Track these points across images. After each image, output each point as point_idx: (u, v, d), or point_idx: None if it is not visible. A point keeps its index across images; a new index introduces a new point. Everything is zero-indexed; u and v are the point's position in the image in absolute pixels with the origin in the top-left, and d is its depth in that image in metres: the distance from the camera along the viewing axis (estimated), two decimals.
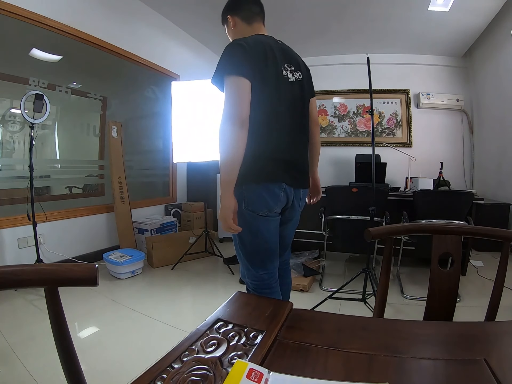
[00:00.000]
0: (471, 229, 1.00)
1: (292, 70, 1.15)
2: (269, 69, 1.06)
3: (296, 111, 1.16)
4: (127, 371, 1.29)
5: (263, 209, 1.09)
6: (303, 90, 1.19)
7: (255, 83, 1.03)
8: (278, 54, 1.10)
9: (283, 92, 1.10)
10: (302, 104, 1.19)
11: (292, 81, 1.14)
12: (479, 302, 1.96)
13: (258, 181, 1.08)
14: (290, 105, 1.13)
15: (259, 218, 1.10)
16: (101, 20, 2.87)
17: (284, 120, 1.12)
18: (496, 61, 3.66)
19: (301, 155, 1.21)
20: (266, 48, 1.07)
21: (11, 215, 2.25)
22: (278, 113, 1.10)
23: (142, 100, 3.69)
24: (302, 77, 1.18)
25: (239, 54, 1.02)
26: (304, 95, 1.20)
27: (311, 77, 1.30)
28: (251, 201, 1.08)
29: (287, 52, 1.17)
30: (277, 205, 1.12)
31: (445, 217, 2.16)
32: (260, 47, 1.06)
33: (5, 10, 2.11)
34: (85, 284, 0.52)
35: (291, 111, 1.14)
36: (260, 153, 1.07)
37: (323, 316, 0.64)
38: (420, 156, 3.80)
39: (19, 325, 1.71)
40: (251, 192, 1.08)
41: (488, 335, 0.54)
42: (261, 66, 1.04)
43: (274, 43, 1.13)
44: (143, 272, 2.60)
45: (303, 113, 1.20)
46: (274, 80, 1.07)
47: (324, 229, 2.37)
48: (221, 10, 1.27)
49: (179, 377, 0.40)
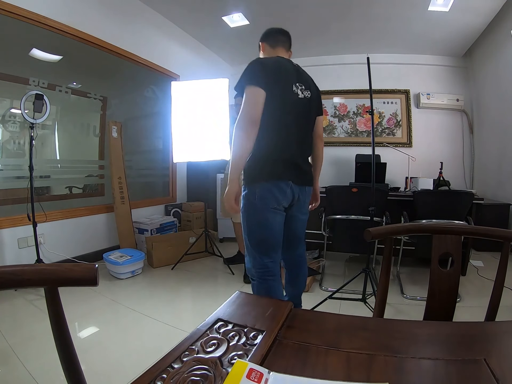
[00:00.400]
0: (471, 229, 1.00)
1: (302, 89, 1.35)
2: (280, 84, 1.27)
3: (301, 123, 1.36)
4: (127, 371, 1.29)
5: (273, 203, 1.29)
6: (310, 107, 1.39)
7: (268, 94, 1.23)
8: (291, 74, 1.33)
9: (292, 105, 1.31)
10: (308, 118, 1.40)
11: (301, 97, 1.34)
12: (479, 302, 1.96)
13: (268, 179, 1.28)
14: (297, 117, 1.32)
15: (268, 211, 1.29)
16: (101, 20, 2.87)
17: (291, 129, 1.31)
18: (496, 61, 3.66)
19: (304, 159, 1.40)
20: (281, 67, 1.30)
21: (11, 215, 2.25)
22: (286, 122, 1.30)
23: (142, 100, 3.69)
24: (310, 95, 1.38)
25: (257, 69, 1.24)
26: (311, 111, 1.41)
27: (321, 98, 1.50)
28: (263, 197, 1.28)
29: (300, 73, 1.39)
30: (285, 200, 1.31)
31: (445, 217, 2.16)
32: (276, 66, 1.28)
33: (5, 10, 2.11)
34: (85, 284, 0.52)
35: (297, 122, 1.33)
36: (270, 156, 1.28)
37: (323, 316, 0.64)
38: (420, 156, 3.80)
39: (19, 325, 1.71)
40: (263, 189, 1.28)
41: (488, 335, 0.54)
42: (274, 81, 1.25)
43: (289, 65, 1.36)
44: (143, 272, 2.60)
45: (308, 125, 1.41)
46: (284, 94, 1.28)
47: (324, 229, 2.37)
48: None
49: (179, 377, 0.40)
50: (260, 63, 1.27)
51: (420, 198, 2.33)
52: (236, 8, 3.38)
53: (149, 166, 3.87)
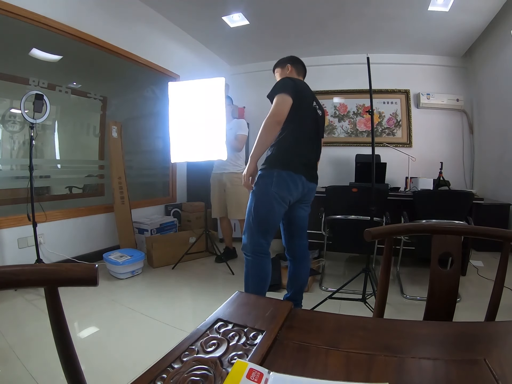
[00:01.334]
0: (471, 229, 1.00)
1: (317, 108, 1.68)
2: (305, 99, 1.60)
3: (315, 133, 1.67)
4: (127, 371, 1.29)
5: (284, 190, 1.52)
6: (322, 123, 1.76)
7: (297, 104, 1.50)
8: (311, 95, 1.67)
9: (311, 118, 1.63)
10: (319, 130, 1.71)
11: (319, 114, 1.69)
12: (479, 302, 1.95)
13: (286, 168, 1.52)
14: (313, 128, 1.65)
15: (276, 197, 1.51)
16: (101, 20, 2.87)
17: (308, 135, 1.62)
18: (496, 61, 3.66)
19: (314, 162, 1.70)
20: (307, 88, 1.65)
21: (11, 215, 2.25)
22: (306, 129, 1.60)
23: (142, 100, 3.69)
24: (321, 114, 1.72)
25: (290, 84, 1.53)
26: (322, 126, 1.77)
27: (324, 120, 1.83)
28: (278, 182, 1.51)
29: (315, 96, 1.71)
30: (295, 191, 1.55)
31: (445, 217, 2.16)
32: (304, 85, 1.64)
33: (5, 10, 2.11)
34: (85, 284, 0.52)
35: (313, 131, 1.65)
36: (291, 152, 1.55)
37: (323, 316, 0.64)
38: (420, 156, 3.80)
39: (19, 325, 1.71)
40: (280, 175, 1.51)
41: (488, 335, 0.54)
42: (302, 96, 1.57)
43: (308, 88, 1.68)
44: (143, 272, 2.60)
45: (318, 136, 1.71)
46: (308, 107, 1.61)
47: (324, 229, 2.37)
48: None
49: (179, 377, 0.40)
50: (292, 79, 1.57)
51: (420, 198, 2.33)
52: (236, 8, 3.38)
53: (149, 166, 3.87)
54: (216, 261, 2.90)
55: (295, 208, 1.64)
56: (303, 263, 1.75)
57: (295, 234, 1.71)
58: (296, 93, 1.50)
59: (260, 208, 1.54)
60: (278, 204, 1.52)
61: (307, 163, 1.59)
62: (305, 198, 1.64)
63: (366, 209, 1.94)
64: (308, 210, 1.72)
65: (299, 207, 1.66)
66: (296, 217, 1.67)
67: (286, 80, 1.55)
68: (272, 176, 1.51)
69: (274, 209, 1.52)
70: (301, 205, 1.66)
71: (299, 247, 1.73)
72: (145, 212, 3.47)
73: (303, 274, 1.76)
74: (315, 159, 1.69)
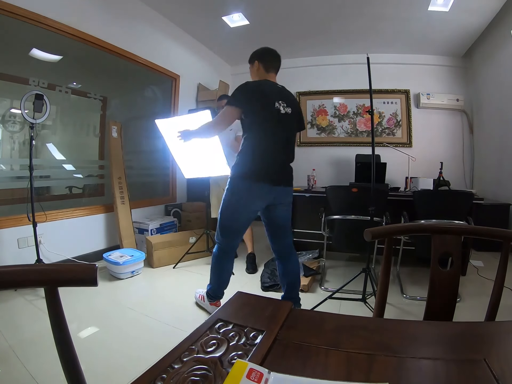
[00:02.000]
0: (471, 229, 1.00)
1: (284, 106, 1.62)
2: (263, 104, 1.57)
3: (281, 133, 1.63)
4: (127, 371, 1.29)
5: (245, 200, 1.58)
6: (290, 121, 1.67)
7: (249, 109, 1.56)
8: (274, 93, 1.63)
9: (271, 120, 1.59)
10: (289, 129, 1.67)
11: (283, 113, 1.62)
12: (479, 302, 1.96)
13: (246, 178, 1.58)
14: (279, 128, 1.61)
15: (241, 205, 1.59)
16: (101, 20, 2.87)
17: (271, 139, 1.59)
18: (496, 61, 3.66)
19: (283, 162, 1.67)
20: (266, 89, 1.61)
21: (11, 215, 2.25)
22: (267, 134, 1.59)
23: (142, 100, 3.69)
24: (291, 112, 1.65)
25: (241, 95, 1.57)
26: (291, 124, 1.69)
27: (302, 114, 1.81)
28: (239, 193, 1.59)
29: (283, 93, 1.67)
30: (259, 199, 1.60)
31: (445, 217, 2.16)
32: (262, 88, 1.61)
33: (5, 10, 2.11)
34: (85, 284, 0.52)
35: (277, 132, 1.61)
36: (250, 161, 1.58)
37: (323, 316, 0.64)
38: (420, 156, 3.80)
39: (19, 325, 1.71)
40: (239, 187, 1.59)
41: (488, 335, 0.54)
42: (256, 100, 1.56)
43: (274, 87, 1.66)
44: (143, 272, 2.60)
45: (287, 136, 1.67)
46: (265, 109, 1.58)
47: (324, 229, 2.37)
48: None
49: (179, 377, 0.40)
50: (248, 87, 1.59)
51: (420, 198, 2.33)
52: (236, 8, 3.38)
53: (149, 166, 3.87)
54: None
55: (273, 209, 1.67)
56: (290, 259, 1.79)
57: (277, 234, 1.75)
58: (251, 101, 1.54)
59: (224, 213, 1.65)
60: (241, 212, 1.61)
61: (269, 169, 1.58)
62: (278, 201, 1.65)
63: (366, 209, 1.94)
64: (288, 210, 1.74)
65: (277, 208, 1.67)
66: (275, 218, 1.70)
67: (240, 88, 1.58)
68: (234, 187, 1.60)
69: (236, 217, 1.62)
70: (279, 206, 1.67)
71: (283, 246, 1.77)
72: (145, 212, 3.47)
73: (291, 271, 1.79)
74: (281, 162, 1.66)
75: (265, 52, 1.72)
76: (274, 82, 1.69)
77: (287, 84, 1.75)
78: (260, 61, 1.71)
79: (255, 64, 1.72)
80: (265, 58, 1.71)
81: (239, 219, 1.64)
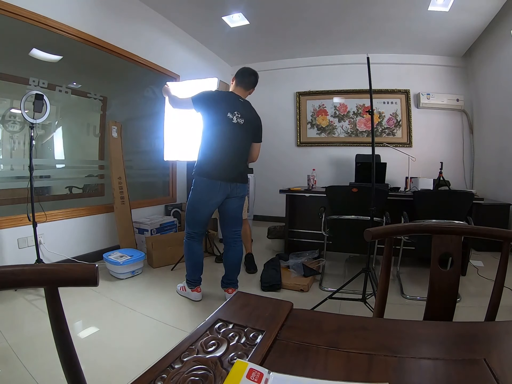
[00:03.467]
0: (471, 229, 1.00)
1: (237, 116, 1.86)
2: (218, 110, 1.84)
3: (231, 141, 1.87)
4: (127, 371, 1.29)
5: (203, 194, 1.88)
6: (243, 131, 1.90)
7: (205, 114, 1.87)
8: (231, 104, 1.87)
9: (225, 127, 1.85)
10: (239, 138, 1.90)
11: (234, 123, 1.86)
12: (479, 302, 1.96)
13: (204, 176, 1.86)
14: (229, 136, 1.86)
15: (200, 200, 1.90)
16: (101, 20, 2.87)
17: (222, 143, 1.85)
18: (496, 61, 3.66)
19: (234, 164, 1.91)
20: (223, 99, 1.88)
21: (11, 215, 2.25)
22: (219, 138, 1.86)
23: (142, 100, 3.68)
24: (243, 122, 1.89)
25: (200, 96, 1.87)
26: (243, 134, 1.92)
27: (259, 127, 2.02)
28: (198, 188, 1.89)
29: (241, 106, 1.91)
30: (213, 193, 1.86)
31: (445, 217, 2.16)
32: (217, 97, 1.88)
33: (5, 10, 2.11)
34: (85, 284, 0.52)
35: (228, 139, 1.86)
36: (206, 159, 1.87)
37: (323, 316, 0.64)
38: (420, 156, 3.79)
39: (19, 325, 1.71)
40: (200, 182, 1.88)
41: (488, 335, 0.54)
42: (210, 105, 1.85)
43: (234, 100, 1.91)
44: (143, 272, 2.60)
45: (238, 144, 1.91)
46: (217, 117, 1.84)
47: (324, 229, 2.37)
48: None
49: (179, 377, 0.40)
50: (205, 93, 1.89)
51: (420, 198, 2.33)
52: (236, 8, 3.38)
53: (149, 166, 3.87)
54: (216, 261, 2.90)
55: (226, 202, 1.94)
56: (232, 246, 2.06)
57: (228, 223, 2.04)
58: (207, 106, 1.84)
59: (189, 207, 1.97)
60: (201, 206, 1.91)
61: (222, 168, 1.85)
62: (232, 195, 1.92)
63: (366, 209, 1.94)
64: (239, 202, 2.01)
65: (230, 201, 1.95)
66: (227, 210, 1.99)
67: (204, 93, 1.88)
68: (195, 184, 1.90)
69: (197, 209, 1.94)
70: (232, 199, 1.95)
71: (230, 233, 2.05)
72: (145, 212, 3.47)
73: (231, 256, 2.06)
74: (231, 161, 1.88)
75: (240, 70, 2.01)
76: (238, 96, 1.94)
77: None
78: (235, 76, 2.00)
79: (232, 79, 2.03)
80: (239, 74, 1.99)
81: (200, 211, 1.94)
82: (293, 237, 3.05)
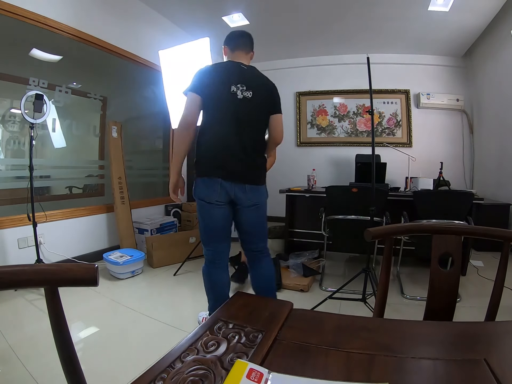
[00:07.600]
0: (471, 229, 1.00)
1: (243, 89, 1.41)
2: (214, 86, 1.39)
3: (239, 121, 1.41)
4: (127, 371, 1.29)
5: (203, 197, 1.42)
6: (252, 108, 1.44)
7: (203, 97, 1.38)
8: (234, 75, 1.43)
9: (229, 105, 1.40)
10: (248, 115, 1.43)
11: (240, 98, 1.41)
12: (479, 302, 1.96)
13: (200, 175, 1.43)
14: (235, 116, 1.40)
15: (204, 205, 1.43)
16: (101, 20, 2.87)
17: (227, 127, 1.40)
18: (496, 61, 3.66)
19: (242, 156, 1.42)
20: (222, 71, 1.44)
21: (11, 215, 2.25)
22: (221, 121, 1.40)
23: (142, 100, 3.68)
24: (252, 95, 1.43)
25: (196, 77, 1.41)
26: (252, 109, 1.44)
27: (273, 97, 1.53)
28: (197, 191, 1.45)
29: (245, 75, 1.45)
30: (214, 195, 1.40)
31: (445, 217, 2.16)
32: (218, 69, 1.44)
33: (5, 10, 2.11)
34: (85, 284, 0.52)
35: (233, 119, 1.40)
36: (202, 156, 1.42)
37: (323, 316, 0.64)
38: (420, 156, 3.79)
39: (19, 325, 1.71)
40: (197, 183, 1.44)
41: (488, 335, 0.54)
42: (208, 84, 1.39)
43: (236, 68, 1.45)
44: (143, 272, 2.60)
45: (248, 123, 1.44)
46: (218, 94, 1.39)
47: (324, 229, 2.37)
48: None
49: (179, 377, 0.40)
50: (198, 71, 1.43)
51: (420, 198, 2.33)
52: (236, 8, 3.38)
53: (149, 166, 3.87)
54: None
55: (238, 213, 1.48)
56: (259, 265, 1.59)
57: (245, 240, 1.57)
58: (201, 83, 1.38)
59: (199, 221, 1.49)
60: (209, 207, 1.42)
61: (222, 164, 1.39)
62: (240, 201, 1.44)
63: (366, 209, 1.94)
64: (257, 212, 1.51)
65: (241, 212, 1.47)
66: (239, 223, 1.51)
67: (196, 74, 1.42)
68: (195, 184, 1.46)
69: (207, 215, 1.44)
70: (244, 210, 1.47)
71: (252, 252, 1.58)
72: (145, 212, 3.46)
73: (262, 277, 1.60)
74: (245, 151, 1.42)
75: (228, 35, 1.59)
76: (239, 62, 1.48)
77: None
78: (225, 44, 1.57)
79: (223, 50, 1.59)
80: (229, 38, 1.57)
81: (207, 217, 1.45)
82: (293, 237, 3.05)
